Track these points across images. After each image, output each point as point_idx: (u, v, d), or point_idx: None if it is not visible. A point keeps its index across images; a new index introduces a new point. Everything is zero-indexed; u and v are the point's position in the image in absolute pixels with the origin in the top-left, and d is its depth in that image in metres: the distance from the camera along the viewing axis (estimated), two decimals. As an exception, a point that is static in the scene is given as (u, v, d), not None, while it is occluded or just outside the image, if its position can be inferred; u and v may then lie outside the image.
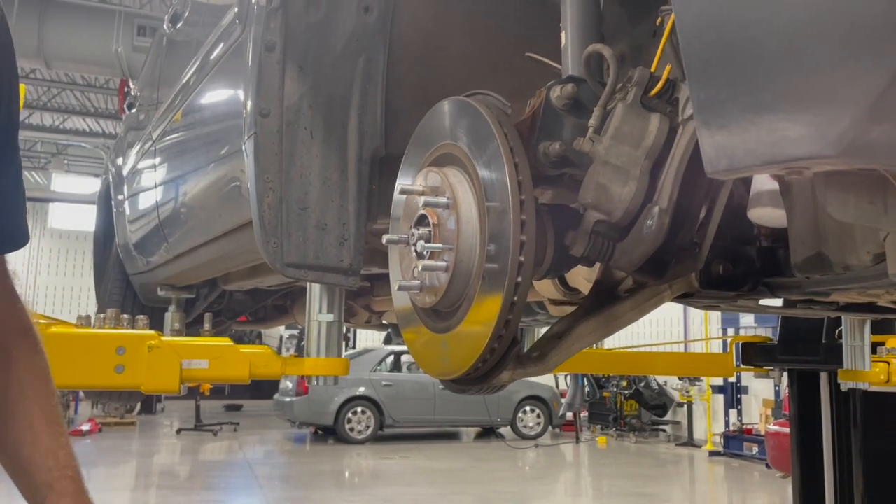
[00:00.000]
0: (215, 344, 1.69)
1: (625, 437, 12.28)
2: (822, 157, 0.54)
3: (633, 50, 1.37)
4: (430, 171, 1.11)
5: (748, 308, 1.57)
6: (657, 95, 1.03)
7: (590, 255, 1.05)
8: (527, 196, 0.97)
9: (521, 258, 0.96)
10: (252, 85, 1.52)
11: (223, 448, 11.00)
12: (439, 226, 1.05)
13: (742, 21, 0.57)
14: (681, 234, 1.04)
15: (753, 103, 0.57)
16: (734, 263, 1.21)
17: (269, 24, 1.49)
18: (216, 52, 2.01)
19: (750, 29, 0.57)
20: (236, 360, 1.65)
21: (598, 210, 1.03)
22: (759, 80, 0.56)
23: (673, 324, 12.01)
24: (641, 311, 1.18)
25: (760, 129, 0.57)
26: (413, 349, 1.22)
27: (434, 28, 1.63)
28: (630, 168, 1.01)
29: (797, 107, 0.54)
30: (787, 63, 0.54)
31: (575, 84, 1.10)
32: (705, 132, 0.61)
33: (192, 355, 1.65)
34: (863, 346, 2.57)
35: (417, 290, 1.10)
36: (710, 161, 0.60)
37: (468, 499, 7.60)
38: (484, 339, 1.00)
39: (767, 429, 6.40)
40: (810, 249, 1.05)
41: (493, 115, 1.02)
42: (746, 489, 8.89)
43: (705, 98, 0.61)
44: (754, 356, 3.49)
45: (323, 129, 1.55)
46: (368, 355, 11.97)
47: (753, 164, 0.58)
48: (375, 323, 3.27)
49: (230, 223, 1.98)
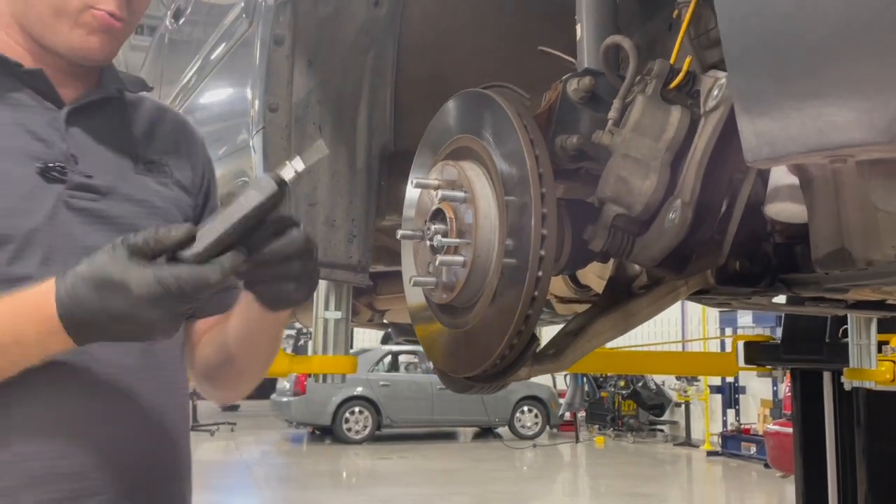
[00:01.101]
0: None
1: (622, 437, 12.27)
2: (870, 143, 0.53)
3: (647, 43, 1.36)
4: (446, 164, 1.09)
5: (761, 306, 1.56)
6: (677, 88, 1.01)
7: (609, 250, 1.04)
8: (547, 189, 0.96)
9: (542, 252, 0.94)
10: (260, 80, 1.50)
11: (220, 448, 10.97)
12: (456, 220, 1.04)
13: (787, 8, 0.56)
14: (702, 229, 1.03)
15: (797, 90, 0.56)
16: (750, 260, 1.20)
17: (277, 18, 1.48)
18: (221, 47, 1.99)
19: (795, 15, 0.55)
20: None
21: (618, 204, 1.01)
22: (805, 66, 0.55)
23: (671, 324, 12.01)
24: (658, 307, 1.17)
25: (805, 115, 0.55)
26: (427, 346, 1.20)
27: (444, 23, 1.61)
28: (650, 161, 0.99)
29: (845, 92, 0.53)
30: (836, 49, 0.53)
31: (592, 77, 1.09)
32: (746, 119, 0.59)
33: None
34: (869, 345, 2.56)
35: (433, 285, 1.08)
36: (751, 149, 0.59)
37: (466, 499, 7.59)
38: (503, 336, 0.98)
39: (767, 428, 6.40)
40: (833, 244, 1.03)
41: (512, 108, 1.01)
42: (744, 489, 8.90)
43: (745, 84, 0.59)
44: (757, 355, 3.49)
45: (332, 124, 1.54)
46: (366, 355, 11.95)
47: (797, 151, 0.56)
48: (377, 322, 3.25)
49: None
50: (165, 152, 1.04)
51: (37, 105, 0.93)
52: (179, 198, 1.02)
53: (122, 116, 1.02)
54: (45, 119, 0.93)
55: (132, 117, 1.03)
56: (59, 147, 0.92)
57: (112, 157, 0.97)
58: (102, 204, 0.93)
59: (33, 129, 0.91)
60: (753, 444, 9.81)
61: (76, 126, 0.95)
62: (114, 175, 0.95)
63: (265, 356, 1.03)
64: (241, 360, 1.02)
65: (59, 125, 0.93)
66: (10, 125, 0.90)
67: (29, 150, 0.90)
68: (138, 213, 0.95)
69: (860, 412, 3.18)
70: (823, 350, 3.15)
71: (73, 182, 0.91)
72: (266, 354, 1.03)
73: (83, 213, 0.91)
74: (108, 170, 0.95)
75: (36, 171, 0.89)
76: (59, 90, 0.95)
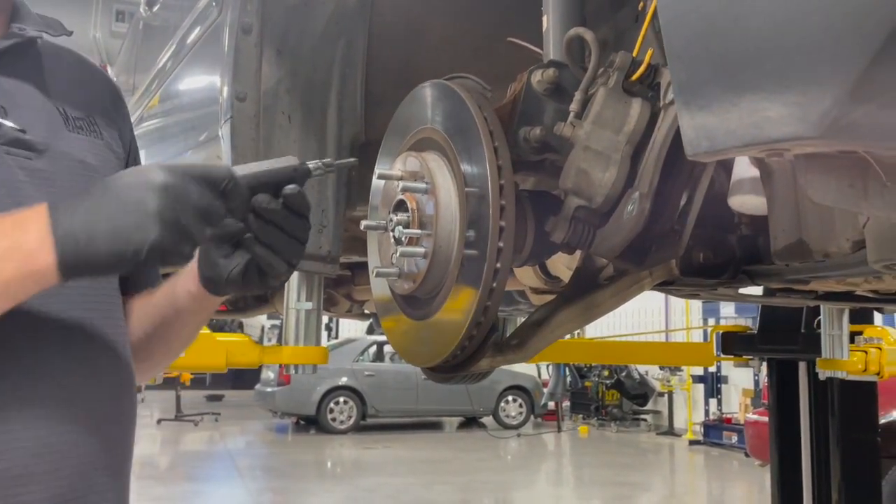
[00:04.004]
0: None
1: (606, 427, 12.37)
2: (803, 138, 0.53)
3: (615, 35, 1.36)
4: (408, 155, 1.09)
5: (728, 296, 1.57)
6: (639, 80, 1.01)
7: (570, 242, 1.04)
8: (506, 181, 0.96)
9: (501, 244, 0.95)
10: (228, 69, 1.49)
11: (204, 438, 10.95)
12: (418, 211, 1.04)
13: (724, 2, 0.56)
14: (661, 221, 1.04)
15: (735, 83, 0.56)
16: (714, 251, 1.21)
17: (245, 6, 1.46)
18: (192, 35, 1.98)
19: (732, 10, 0.55)
20: (212, 348, 1.63)
21: (579, 196, 1.02)
22: (742, 60, 0.55)
23: (654, 313, 12.09)
24: (622, 298, 1.17)
25: (741, 109, 0.56)
26: (392, 337, 1.20)
27: (416, 12, 1.61)
28: (611, 153, 0.99)
29: (779, 87, 0.53)
30: (770, 42, 0.53)
31: (556, 68, 1.09)
32: (686, 113, 0.59)
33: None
34: (841, 336, 2.59)
35: (396, 276, 1.08)
36: (691, 143, 0.59)
37: (450, 488, 7.62)
38: (462, 327, 0.98)
39: (746, 418, 6.47)
40: (790, 237, 1.05)
41: (472, 99, 1.01)
42: (726, 477, 9.00)
43: (686, 78, 0.60)
44: (734, 345, 3.52)
45: (301, 113, 1.53)
46: (351, 345, 11.95)
47: (734, 145, 0.57)
48: (356, 312, 3.25)
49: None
50: (94, 111, 0.95)
51: None
52: (110, 161, 0.94)
53: (44, 64, 0.92)
54: None
55: (55, 66, 0.94)
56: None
57: (42, 111, 0.88)
58: (39, 163, 0.84)
59: None
60: (735, 434, 9.92)
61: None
62: (47, 130, 0.86)
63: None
64: (161, 347, 1.00)
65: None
66: None
67: None
68: (77, 174, 0.87)
69: (835, 401, 3.22)
70: (799, 340, 3.18)
71: (7, 136, 0.83)
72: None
73: (21, 172, 0.83)
74: (40, 124, 0.86)
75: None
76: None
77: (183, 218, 0.71)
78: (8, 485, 0.77)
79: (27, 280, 0.72)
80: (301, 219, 0.81)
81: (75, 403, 0.83)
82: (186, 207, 0.72)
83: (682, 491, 8.51)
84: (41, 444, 0.79)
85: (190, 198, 0.72)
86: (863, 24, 0.49)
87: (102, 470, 0.86)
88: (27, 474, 0.78)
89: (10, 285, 0.72)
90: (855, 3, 0.50)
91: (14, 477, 0.77)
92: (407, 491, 7.44)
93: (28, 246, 0.71)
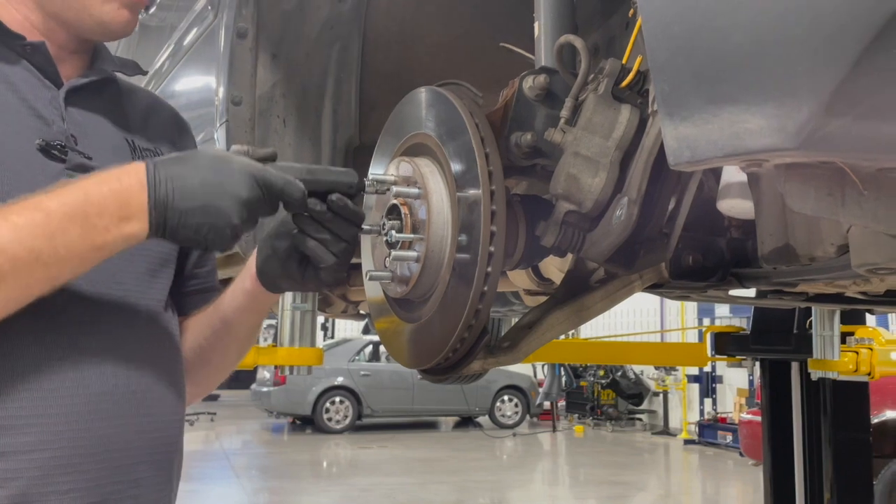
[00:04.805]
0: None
1: (601, 426, 12.40)
2: (781, 149, 0.55)
3: (606, 41, 1.37)
4: (401, 160, 1.10)
5: (718, 298, 1.59)
6: (628, 87, 1.03)
7: (560, 246, 1.06)
8: (497, 186, 0.97)
9: (491, 248, 0.96)
10: (224, 72, 1.50)
11: (200, 438, 10.95)
12: (410, 216, 1.05)
13: (707, 15, 0.57)
14: (650, 225, 1.05)
15: (716, 95, 0.58)
16: (704, 254, 1.23)
17: (241, 11, 1.48)
18: (188, 38, 1.99)
19: (714, 23, 0.57)
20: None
21: (569, 201, 1.03)
22: (722, 72, 0.57)
23: (649, 314, 12.13)
24: (612, 300, 1.19)
25: (722, 121, 0.57)
26: (385, 339, 1.22)
27: (410, 17, 1.62)
28: (600, 159, 1.01)
29: (757, 99, 0.55)
30: (750, 55, 0.55)
31: (547, 75, 1.10)
32: (668, 123, 0.61)
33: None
34: (832, 336, 2.61)
35: (389, 279, 1.09)
36: (673, 153, 0.61)
37: (446, 488, 7.64)
38: (454, 329, 1.00)
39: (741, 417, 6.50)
40: (777, 241, 1.06)
41: (464, 105, 1.02)
42: (720, 477, 9.03)
43: (669, 90, 0.61)
44: (727, 346, 3.55)
45: (296, 117, 1.55)
46: (347, 345, 11.96)
47: (715, 155, 0.58)
48: (352, 313, 3.26)
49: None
50: (161, 142, 1.04)
51: (35, 81, 0.91)
52: None
53: (119, 101, 1.02)
54: (44, 96, 0.91)
55: (128, 102, 1.03)
56: (59, 126, 0.91)
57: (110, 141, 0.96)
58: None
59: (34, 105, 0.90)
60: (729, 433, 9.96)
61: (74, 106, 0.93)
62: (112, 159, 0.93)
63: (242, 346, 1.09)
64: (218, 352, 1.06)
65: (58, 104, 0.92)
66: (11, 100, 0.89)
67: (29, 126, 0.89)
68: None
69: (827, 401, 3.24)
70: (791, 341, 3.21)
71: (73, 162, 0.90)
72: (243, 345, 1.09)
73: None
74: (107, 153, 0.94)
75: (36, 147, 0.88)
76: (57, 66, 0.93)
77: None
78: (53, 473, 0.83)
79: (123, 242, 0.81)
80: (348, 223, 0.93)
81: (125, 395, 0.90)
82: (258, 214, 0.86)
83: (677, 490, 8.54)
84: (85, 436, 0.85)
85: (262, 211, 0.86)
86: (838, 40, 0.51)
87: (147, 464, 0.93)
88: (70, 464, 0.84)
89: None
90: (831, 21, 0.51)
91: (57, 466, 0.83)
92: (402, 490, 7.45)
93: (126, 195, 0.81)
